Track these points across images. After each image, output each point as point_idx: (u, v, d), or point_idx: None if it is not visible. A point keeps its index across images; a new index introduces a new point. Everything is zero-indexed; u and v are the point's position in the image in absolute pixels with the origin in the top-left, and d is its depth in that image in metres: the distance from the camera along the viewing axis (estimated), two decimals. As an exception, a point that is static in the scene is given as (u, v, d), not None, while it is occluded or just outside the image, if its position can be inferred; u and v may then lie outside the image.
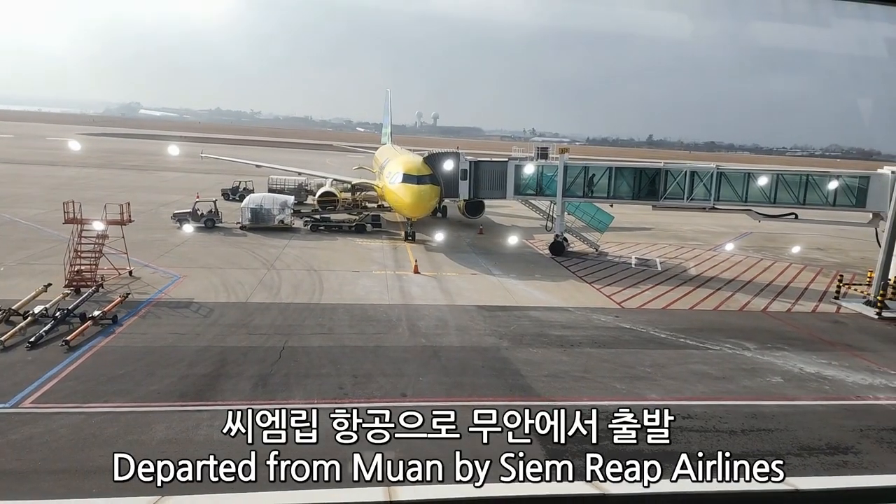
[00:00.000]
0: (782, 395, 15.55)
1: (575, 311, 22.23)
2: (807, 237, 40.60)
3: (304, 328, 18.71)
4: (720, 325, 21.53)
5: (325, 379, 14.96)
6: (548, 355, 17.39)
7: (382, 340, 18.09)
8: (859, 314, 24.11)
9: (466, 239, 36.51)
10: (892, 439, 13.56)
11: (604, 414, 14.17)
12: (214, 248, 29.67)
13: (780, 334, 20.77)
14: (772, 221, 30.86)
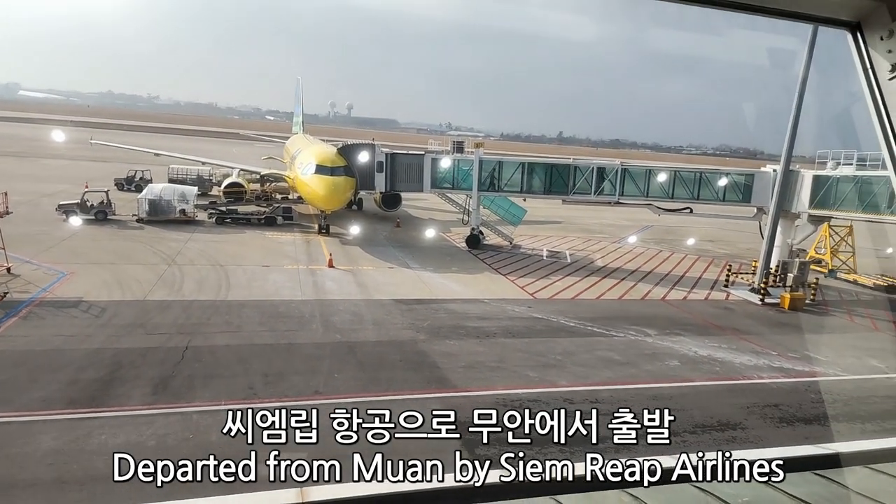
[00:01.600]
0: (680, 378, 16.75)
1: (490, 302, 22.73)
2: (700, 230, 43.96)
3: (210, 327, 17.77)
4: (624, 313, 22.85)
5: (234, 379, 14.30)
6: (464, 347, 17.67)
7: (295, 337, 17.57)
8: (745, 300, 26.46)
9: (383, 232, 36.25)
10: (774, 414, 14.98)
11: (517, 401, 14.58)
12: (107, 243, 27.45)
13: (677, 321, 22.37)
14: (670, 215, 33.17)
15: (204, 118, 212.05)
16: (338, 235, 33.46)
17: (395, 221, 39.17)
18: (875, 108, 1.83)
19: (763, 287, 26.62)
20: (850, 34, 1.89)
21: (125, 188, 42.21)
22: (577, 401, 14.42)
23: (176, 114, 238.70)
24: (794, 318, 24.35)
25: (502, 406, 13.81)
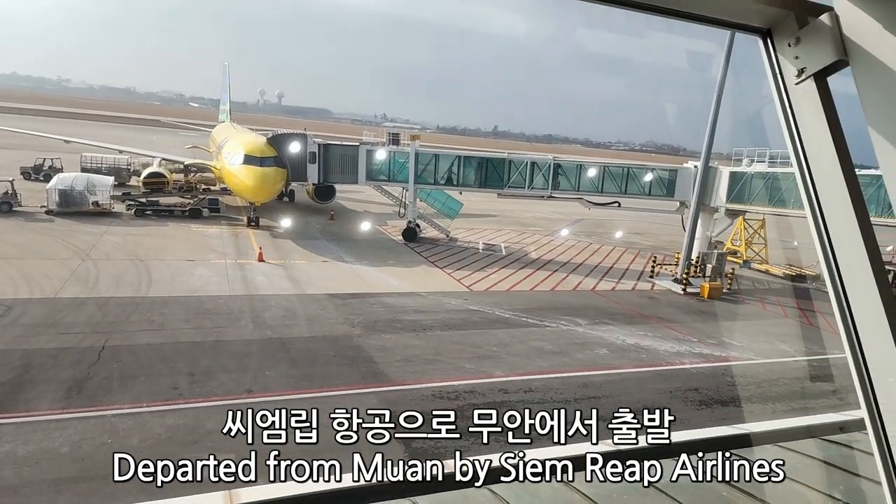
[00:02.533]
0: (608, 365, 17.47)
1: (427, 295, 22.80)
2: (628, 223, 45.91)
3: (130, 325, 16.82)
4: (557, 304, 23.55)
5: (156, 379, 13.62)
6: (401, 340, 17.65)
7: (223, 334, 16.94)
8: (669, 290, 27.91)
9: (316, 225, 35.52)
10: (694, 398, 15.90)
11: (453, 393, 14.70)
12: (11, 236, 25.36)
13: (606, 310, 23.30)
14: (600, 209, 34.44)
15: (121, 103, 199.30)
16: (268, 228, 32.48)
17: (328, 214, 38.47)
18: (783, 110, 1.96)
19: (685, 277, 28.17)
20: (761, 40, 2.01)
21: (32, 178, 39.15)
22: (512, 390, 14.77)
23: (89, 98, 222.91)
24: (712, 307, 25.92)
25: (438, 398, 13.93)
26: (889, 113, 1.71)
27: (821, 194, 1.86)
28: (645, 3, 1.94)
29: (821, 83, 1.87)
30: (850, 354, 1.82)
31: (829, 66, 1.82)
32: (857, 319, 1.79)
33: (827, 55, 1.81)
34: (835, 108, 1.87)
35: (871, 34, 1.72)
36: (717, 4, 1.93)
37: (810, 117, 1.88)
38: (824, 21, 1.82)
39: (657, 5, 1.95)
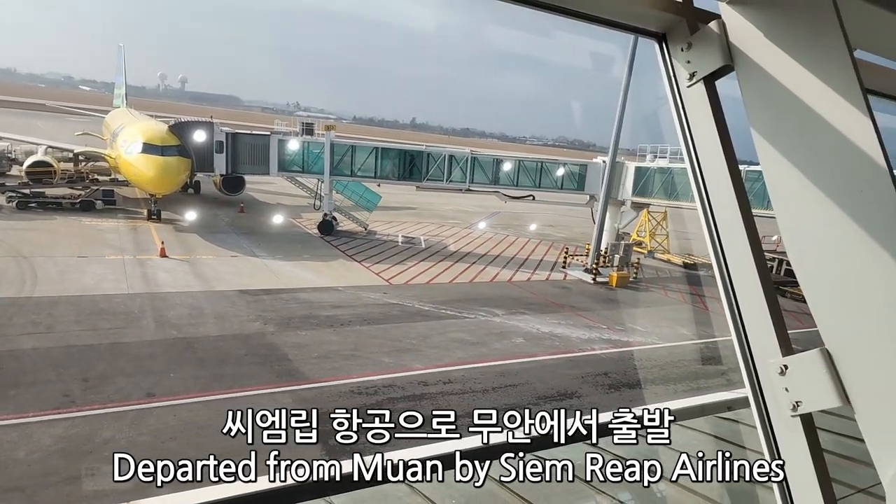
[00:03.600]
0: (524, 354, 18.04)
1: (345, 290, 22.46)
2: (542, 216, 47.49)
3: (11, 328, 15.31)
4: (475, 295, 23.99)
5: (45, 386, 12.50)
6: (317, 337, 17.28)
7: (121, 336, 15.82)
8: (580, 280, 29.21)
9: (225, 218, 33.93)
10: (604, 381, 16.76)
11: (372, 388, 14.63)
12: None
13: (522, 301, 24.02)
14: (515, 202, 35.39)
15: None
16: (171, 222, 30.63)
17: (238, 206, 36.85)
18: (676, 110, 2.10)
19: (595, 267, 29.60)
20: (657, 44, 2.14)
21: None
22: (431, 382, 14.90)
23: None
24: (620, 295, 27.43)
25: (356, 394, 13.80)
26: (769, 115, 1.86)
27: (709, 189, 2.01)
28: (550, 4, 2.00)
29: (710, 86, 2.02)
30: (735, 337, 1.99)
31: (717, 70, 1.96)
32: (741, 304, 1.95)
33: (715, 60, 1.95)
34: (722, 110, 2.02)
35: (754, 42, 1.87)
36: (618, 8, 2.03)
37: (700, 118, 2.02)
38: (713, 28, 1.95)
39: (562, 6, 2.02)
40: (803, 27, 1.75)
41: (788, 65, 1.77)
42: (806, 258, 1.78)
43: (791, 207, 1.81)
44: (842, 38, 1.66)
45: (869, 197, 1.64)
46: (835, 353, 1.71)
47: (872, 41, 2.27)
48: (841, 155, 1.68)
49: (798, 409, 1.77)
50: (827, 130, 1.70)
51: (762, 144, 1.87)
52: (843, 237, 1.68)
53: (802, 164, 1.77)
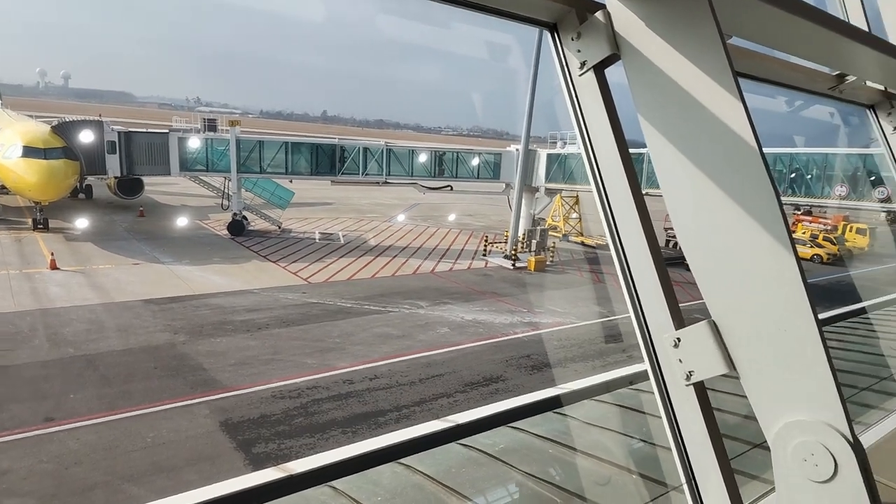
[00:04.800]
0: (450, 343, 18.25)
1: (260, 292, 21.70)
2: (461, 205, 48.06)
3: None
4: (398, 288, 23.94)
5: (-83, 424, 11.21)
6: (233, 343, 16.60)
7: (10, 359, 14.44)
8: (501, 267, 29.88)
9: (123, 224, 31.72)
10: (527, 364, 17.28)
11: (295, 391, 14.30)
12: None
13: (445, 291, 24.25)
14: (433, 193, 35.57)
15: None
16: (61, 230, 28.24)
17: (137, 210, 34.57)
18: (570, 98, 2.17)
19: (514, 253, 30.39)
20: (549, 34, 2.20)
21: None
22: (358, 380, 14.75)
23: None
24: (539, 279, 28.34)
25: (278, 399, 13.41)
26: (652, 100, 1.97)
27: (602, 172, 2.10)
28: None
29: (599, 74, 2.10)
30: (633, 313, 2.10)
31: (606, 59, 2.05)
32: (636, 281, 2.06)
33: (602, 49, 2.03)
34: (611, 97, 2.11)
35: (637, 31, 1.96)
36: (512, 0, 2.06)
37: (592, 105, 2.11)
38: (599, 18, 2.03)
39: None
40: (680, 17, 1.85)
41: (668, 53, 1.88)
42: (691, 235, 1.91)
43: (675, 187, 1.92)
44: (714, 26, 1.77)
45: (743, 175, 1.78)
46: (721, 323, 1.85)
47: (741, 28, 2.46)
48: (717, 136, 1.81)
49: (691, 379, 1.90)
50: (704, 113, 1.82)
51: (648, 129, 1.97)
52: (723, 214, 1.81)
53: (684, 146, 1.89)
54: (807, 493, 1.71)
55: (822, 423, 1.67)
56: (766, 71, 3.20)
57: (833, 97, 3.81)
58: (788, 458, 1.73)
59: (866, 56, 3.21)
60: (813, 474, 1.69)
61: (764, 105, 3.75)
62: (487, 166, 34.36)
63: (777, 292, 1.73)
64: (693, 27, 1.82)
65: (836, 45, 2.95)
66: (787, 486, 1.76)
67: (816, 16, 2.52)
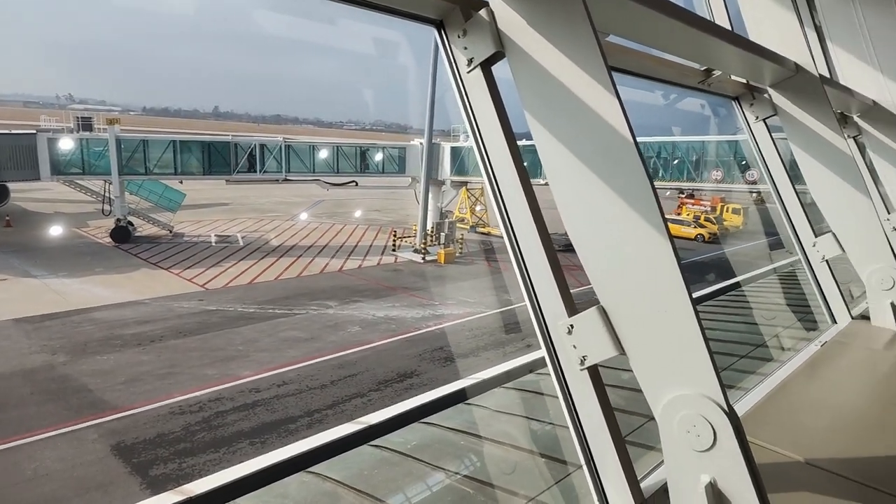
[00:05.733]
0: (361, 342, 18.05)
1: (152, 302, 20.29)
2: (367, 201, 47.59)
3: None
4: (305, 289, 23.31)
5: None
6: (123, 359, 15.41)
7: None
8: (411, 261, 29.93)
9: (-15, 235, 28.44)
10: (440, 356, 17.46)
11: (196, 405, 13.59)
12: None
13: (355, 289, 23.94)
14: (338, 189, 34.91)
15: None
16: None
17: (3, 220, 31.12)
18: (459, 94, 2.19)
19: (423, 247, 30.56)
20: (436, 31, 2.21)
21: None
22: (264, 387, 14.23)
23: None
24: (448, 271, 28.71)
25: (177, 415, 12.63)
26: (536, 96, 2.04)
27: (494, 166, 2.15)
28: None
29: (486, 71, 2.14)
30: (529, 302, 2.17)
31: (492, 56, 2.09)
32: (530, 271, 2.14)
33: (488, 47, 2.07)
34: (499, 93, 2.16)
35: (519, 30, 2.02)
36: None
37: (481, 101, 2.15)
38: (483, 16, 2.07)
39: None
40: (557, 16, 1.93)
41: (548, 50, 1.95)
42: (578, 225, 2.00)
43: (561, 179, 2.00)
44: (589, 25, 1.86)
45: (621, 166, 1.89)
46: (609, 309, 1.96)
47: (617, 27, 2.61)
48: (595, 129, 1.90)
49: (585, 363, 2.00)
50: (583, 108, 1.91)
51: (533, 123, 2.04)
52: (604, 204, 1.91)
53: (566, 139, 1.97)
54: (691, 461, 1.86)
55: (701, 396, 1.82)
56: (642, 67, 3.42)
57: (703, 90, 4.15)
58: (674, 431, 1.87)
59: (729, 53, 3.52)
60: (696, 444, 1.84)
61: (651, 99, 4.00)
62: (392, 160, 34.23)
63: (656, 276, 1.86)
64: (570, 26, 1.91)
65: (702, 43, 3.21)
66: (674, 456, 1.90)
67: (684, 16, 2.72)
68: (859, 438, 2.61)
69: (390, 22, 2.59)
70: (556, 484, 3.24)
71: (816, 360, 3.69)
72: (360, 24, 48.47)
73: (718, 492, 1.81)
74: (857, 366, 3.72)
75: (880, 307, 4.31)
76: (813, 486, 2.20)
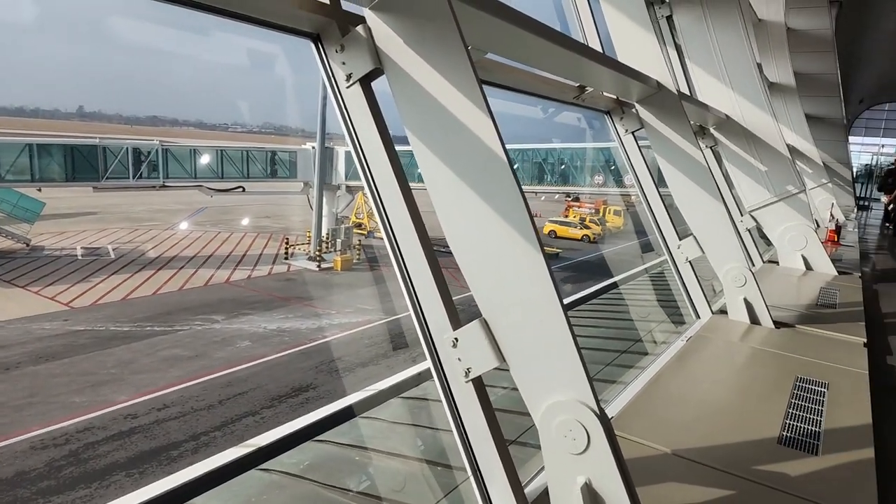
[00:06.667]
0: (252, 357, 17.27)
1: (6, 325, 18.12)
2: (256, 207, 45.67)
3: None
4: (188, 303, 21.91)
5: None
6: (-30, 392, 13.65)
7: None
8: (305, 269, 29.13)
9: None
10: (337, 367, 17.15)
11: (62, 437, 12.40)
12: None
13: (244, 301, 22.87)
14: (223, 195, 33.18)
15: None
16: None
17: None
18: (340, 108, 2.18)
19: (318, 254, 29.85)
20: (313, 45, 2.18)
21: None
22: (142, 413, 13.20)
23: None
24: (346, 278, 28.26)
25: (39, 451, 11.38)
26: (414, 112, 2.07)
27: (376, 179, 2.16)
28: (203, 4, 1.88)
29: (366, 87, 2.14)
30: (414, 315, 2.20)
31: (370, 72, 2.10)
32: (415, 284, 2.16)
33: (366, 63, 2.07)
34: (379, 110, 2.17)
35: (395, 46, 2.04)
36: (267, 8, 1.99)
37: (361, 116, 2.15)
38: (360, 32, 2.07)
39: (212, 5, 1.90)
40: (431, 33, 1.97)
41: (423, 67, 1.99)
42: (459, 238, 2.06)
43: (442, 195, 2.05)
44: (461, 43, 1.93)
45: (493, 179, 1.97)
46: (490, 320, 2.03)
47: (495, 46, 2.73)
48: (470, 144, 1.97)
49: (469, 375, 2.06)
50: (457, 123, 1.97)
51: (413, 139, 2.08)
52: (480, 216, 1.98)
53: (443, 154, 2.02)
54: (568, 465, 1.97)
55: (575, 402, 1.93)
56: (523, 83, 3.60)
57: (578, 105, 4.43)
58: (552, 437, 1.97)
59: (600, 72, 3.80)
60: (572, 448, 1.95)
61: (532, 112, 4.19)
62: (283, 165, 33.11)
63: (530, 286, 1.95)
64: (442, 42, 1.96)
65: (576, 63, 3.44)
66: (553, 461, 2.01)
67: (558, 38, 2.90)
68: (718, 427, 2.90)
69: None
70: (452, 492, 3.30)
71: (683, 353, 4.06)
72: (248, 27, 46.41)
73: (593, 491, 1.93)
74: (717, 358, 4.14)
75: (735, 302, 4.83)
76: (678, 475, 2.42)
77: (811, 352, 4.15)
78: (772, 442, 2.75)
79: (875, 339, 5.19)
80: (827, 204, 11.61)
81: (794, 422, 2.98)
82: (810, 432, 2.87)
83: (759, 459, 2.58)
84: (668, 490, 2.30)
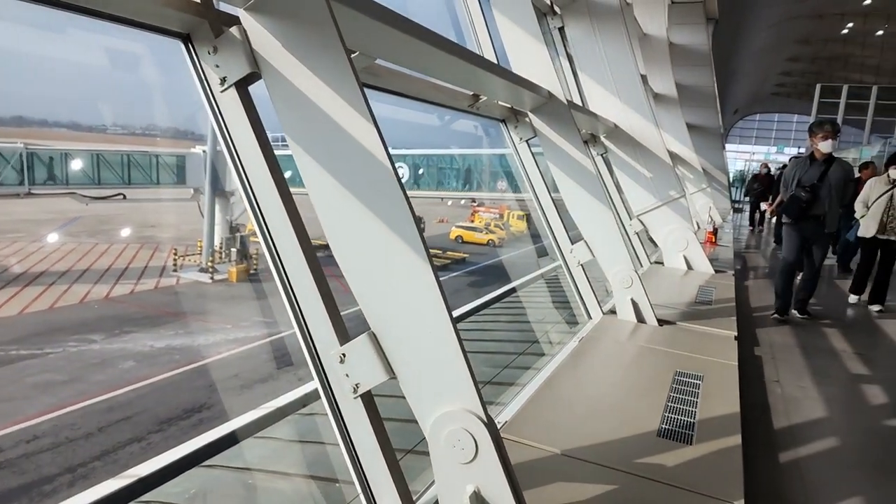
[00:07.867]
0: (137, 378, 16.08)
1: None
2: (139, 216, 42.67)
3: None
4: (60, 323, 20.03)
5: None
6: None
7: None
8: (197, 282, 27.56)
9: None
10: (235, 384, 16.37)
11: None
12: None
13: (127, 318, 21.26)
14: (100, 203, 30.67)
15: None
16: None
17: None
18: (213, 112, 2.08)
19: (211, 265, 28.35)
20: (183, 45, 2.06)
21: None
22: (9, 446, 11.88)
23: None
24: (242, 290, 27.05)
25: None
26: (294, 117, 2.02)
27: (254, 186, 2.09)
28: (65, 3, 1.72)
29: (242, 92, 2.06)
30: (299, 331, 2.14)
31: (247, 76, 2.02)
32: (299, 298, 2.11)
33: (242, 67, 1.99)
34: (257, 115, 2.10)
35: (273, 50, 1.98)
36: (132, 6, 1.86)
37: (237, 122, 2.06)
38: (235, 34, 1.98)
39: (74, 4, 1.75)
40: (311, 37, 1.94)
41: (302, 71, 1.95)
42: (344, 249, 2.03)
43: (326, 203, 2.01)
44: (342, 48, 1.90)
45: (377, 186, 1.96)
46: (379, 333, 2.01)
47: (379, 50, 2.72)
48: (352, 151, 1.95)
49: (358, 391, 2.03)
50: (338, 129, 1.95)
51: (294, 146, 2.02)
52: (365, 226, 1.97)
53: (325, 161, 1.99)
54: (458, 474, 2.00)
55: (464, 411, 1.96)
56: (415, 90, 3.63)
57: (473, 113, 4.54)
58: (442, 448, 1.99)
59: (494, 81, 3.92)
60: (461, 457, 1.98)
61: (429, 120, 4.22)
62: (169, 170, 31.13)
63: (417, 296, 1.96)
64: (322, 46, 1.93)
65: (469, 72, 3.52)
66: (443, 472, 2.03)
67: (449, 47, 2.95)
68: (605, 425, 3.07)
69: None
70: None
71: (576, 353, 4.26)
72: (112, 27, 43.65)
73: (482, 499, 1.97)
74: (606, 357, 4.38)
75: (623, 303, 5.14)
76: (566, 475, 2.52)
77: (689, 347, 4.51)
78: (652, 435, 2.95)
79: (744, 332, 5.73)
80: (706, 207, 12.69)
81: (672, 414, 3.21)
82: (686, 423, 3.11)
83: (640, 453, 2.75)
84: (556, 490, 2.40)
